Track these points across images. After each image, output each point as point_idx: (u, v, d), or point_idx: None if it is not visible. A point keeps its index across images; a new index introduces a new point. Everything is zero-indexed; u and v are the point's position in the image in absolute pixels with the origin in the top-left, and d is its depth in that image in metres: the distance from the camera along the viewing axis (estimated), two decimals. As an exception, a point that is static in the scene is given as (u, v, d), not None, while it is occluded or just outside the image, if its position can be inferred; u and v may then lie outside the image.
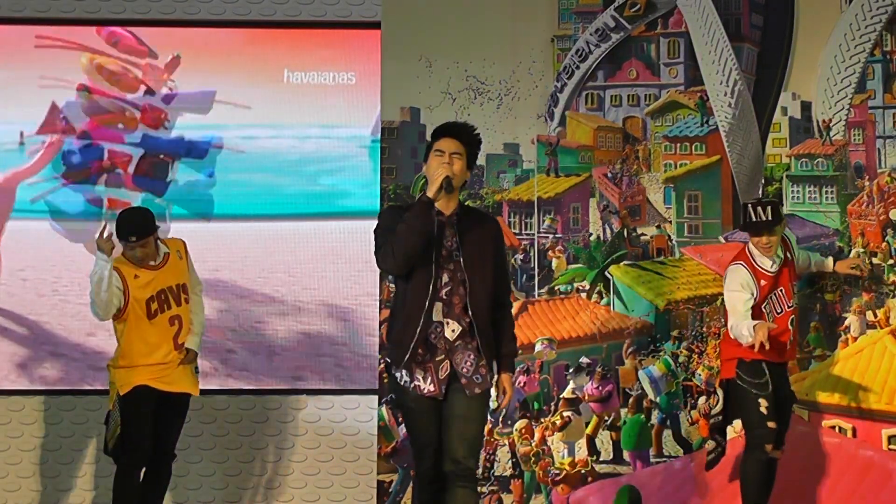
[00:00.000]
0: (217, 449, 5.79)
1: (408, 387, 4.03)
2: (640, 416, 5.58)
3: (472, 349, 4.03)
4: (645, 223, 5.74)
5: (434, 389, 4.00)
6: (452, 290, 4.02)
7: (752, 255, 4.90)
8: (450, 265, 4.03)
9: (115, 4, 5.95)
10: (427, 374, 4.00)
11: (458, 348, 4.03)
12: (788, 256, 4.97)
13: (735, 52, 5.67)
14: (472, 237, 4.05)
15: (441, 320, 4.01)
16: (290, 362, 5.87)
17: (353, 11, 5.99)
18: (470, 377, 4.02)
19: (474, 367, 4.03)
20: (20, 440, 5.73)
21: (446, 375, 4.02)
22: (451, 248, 4.03)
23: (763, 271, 4.86)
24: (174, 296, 4.94)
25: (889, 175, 5.58)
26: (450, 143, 4.04)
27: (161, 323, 4.91)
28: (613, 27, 5.82)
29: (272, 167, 5.97)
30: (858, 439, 5.29)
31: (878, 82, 5.64)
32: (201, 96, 5.94)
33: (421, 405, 4.03)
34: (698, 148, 5.73)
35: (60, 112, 5.90)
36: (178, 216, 5.90)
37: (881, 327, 5.43)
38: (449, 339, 4.02)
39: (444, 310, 4.01)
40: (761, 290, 4.83)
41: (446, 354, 4.01)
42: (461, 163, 4.03)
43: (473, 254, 4.03)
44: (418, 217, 3.92)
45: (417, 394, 4.01)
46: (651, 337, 5.61)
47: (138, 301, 4.87)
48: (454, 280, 4.02)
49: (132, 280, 4.88)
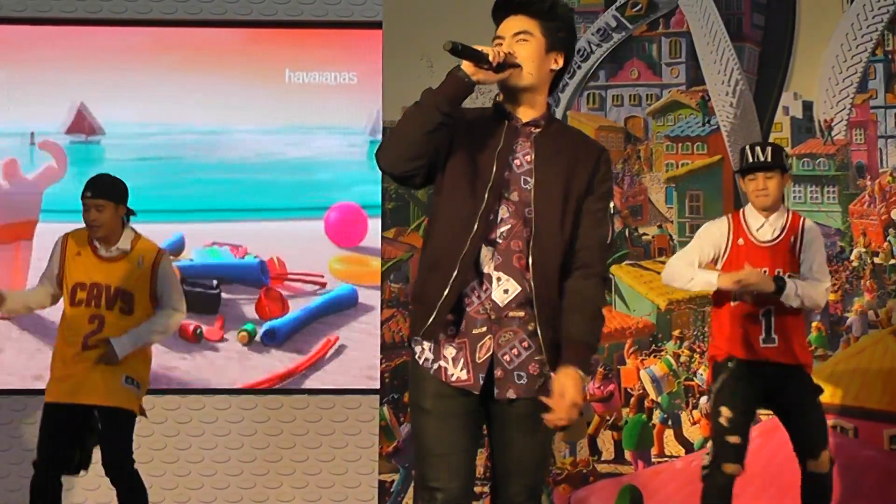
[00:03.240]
0: (218, 449, 5.79)
1: (428, 369, 2.67)
2: (641, 416, 5.57)
3: (531, 331, 2.67)
4: (647, 223, 5.73)
5: (467, 379, 2.63)
6: (513, 231, 2.66)
7: (744, 214, 4.23)
8: (513, 194, 2.67)
9: (116, 4, 5.94)
10: (460, 352, 2.64)
11: (510, 321, 2.65)
12: (795, 239, 4.17)
13: (737, 51, 5.67)
14: (559, 161, 2.69)
15: (490, 273, 2.65)
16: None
17: (354, 11, 5.98)
18: (509, 370, 2.65)
19: (525, 356, 2.66)
20: (21, 440, 5.73)
21: (487, 358, 2.64)
22: (522, 169, 2.69)
23: (749, 234, 4.17)
24: (107, 298, 4.35)
25: (891, 175, 5.57)
26: (513, 22, 2.73)
27: (79, 315, 4.34)
28: (615, 27, 5.82)
29: (273, 167, 5.96)
30: (860, 439, 5.29)
31: (879, 82, 5.64)
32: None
33: (443, 403, 2.65)
34: (700, 148, 5.73)
35: (86, 112, 5.90)
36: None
37: (883, 327, 5.43)
38: (499, 303, 2.65)
39: (498, 259, 2.65)
40: (736, 254, 4.13)
41: (490, 327, 2.64)
42: (532, 45, 2.69)
43: (552, 184, 2.67)
44: (435, 95, 2.70)
45: (442, 380, 2.65)
46: (653, 337, 5.61)
47: (66, 281, 4.39)
48: (517, 217, 2.67)
49: (72, 257, 4.39)
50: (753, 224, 4.18)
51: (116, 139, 5.96)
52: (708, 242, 4.19)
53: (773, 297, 4.06)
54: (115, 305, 4.36)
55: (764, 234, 4.17)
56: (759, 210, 4.20)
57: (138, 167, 5.88)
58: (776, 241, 4.16)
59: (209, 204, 5.94)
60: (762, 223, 4.18)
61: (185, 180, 5.96)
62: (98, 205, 4.34)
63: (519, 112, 2.76)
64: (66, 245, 4.43)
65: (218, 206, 5.94)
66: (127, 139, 5.96)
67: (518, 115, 2.76)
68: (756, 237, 4.17)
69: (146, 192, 5.49)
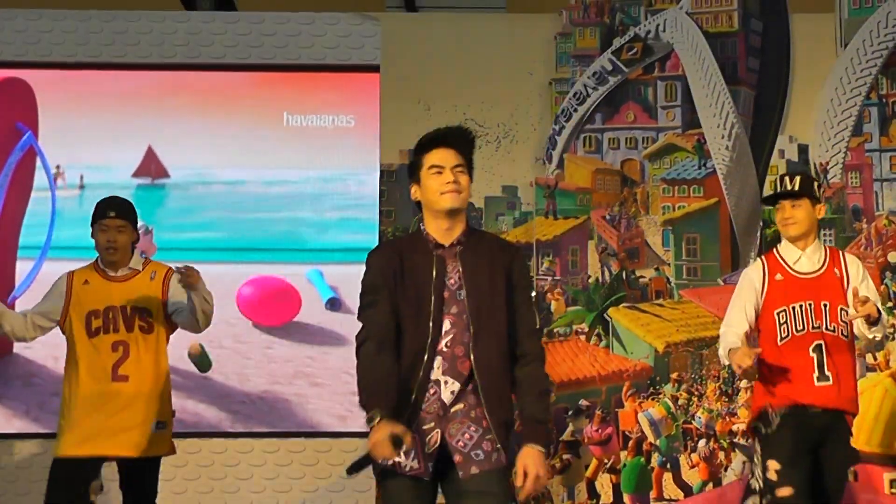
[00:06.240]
0: (215, 493, 5.74)
1: (386, 464, 3.02)
2: (639, 459, 5.55)
3: (478, 416, 3.05)
4: (643, 265, 5.74)
5: (418, 467, 3.02)
6: (456, 339, 3.08)
7: (778, 250, 3.99)
8: (453, 308, 3.10)
9: (116, 49, 5.98)
10: (411, 446, 2.99)
11: (456, 415, 3.05)
12: (839, 272, 3.90)
13: (732, 95, 5.71)
14: (481, 270, 3.12)
15: (438, 378, 3.06)
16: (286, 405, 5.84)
17: (352, 55, 6.02)
18: (467, 453, 3.02)
19: (476, 437, 3.04)
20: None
21: (435, 449, 3.03)
22: (455, 286, 3.11)
23: (787, 267, 3.91)
24: (126, 319, 4.09)
25: (887, 218, 5.59)
26: (447, 154, 3.16)
27: (101, 346, 4.07)
28: (611, 70, 5.86)
29: (271, 208, 5.97)
30: (860, 483, 5.26)
31: (874, 125, 5.68)
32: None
33: (401, 483, 3.04)
34: (696, 190, 5.75)
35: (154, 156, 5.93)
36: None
37: (881, 370, 5.42)
38: (446, 402, 3.05)
39: (444, 365, 3.07)
40: (776, 288, 3.88)
41: (437, 423, 3.04)
42: (466, 176, 3.15)
43: (482, 292, 3.09)
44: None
45: (397, 472, 3.02)
46: (650, 379, 5.59)
47: (78, 313, 4.12)
48: (458, 326, 3.09)
49: (80, 288, 4.14)
50: (790, 258, 3.91)
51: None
52: (748, 287, 3.92)
53: (817, 331, 3.79)
54: (135, 326, 4.10)
55: (802, 266, 3.89)
56: (789, 241, 3.93)
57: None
58: (818, 273, 3.88)
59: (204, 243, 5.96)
60: (798, 256, 3.91)
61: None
62: (119, 226, 4.13)
63: (446, 235, 3.15)
64: (72, 279, 4.18)
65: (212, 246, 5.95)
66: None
67: (443, 241, 3.15)
68: (795, 270, 3.89)
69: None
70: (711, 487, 5.48)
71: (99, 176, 5.91)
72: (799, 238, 3.90)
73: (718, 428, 5.52)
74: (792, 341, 3.81)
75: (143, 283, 4.18)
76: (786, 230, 3.91)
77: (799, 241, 3.91)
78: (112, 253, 4.14)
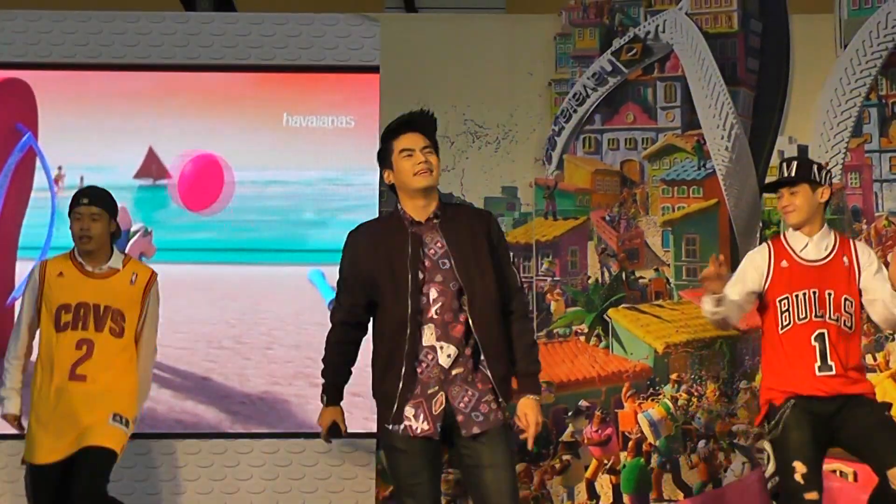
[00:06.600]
0: (214, 493, 5.74)
1: (397, 431, 3.34)
2: (639, 460, 5.55)
3: (474, 380, 3.34)
4: (643, 266, 5.74)
5: (428, 428, 3.31)
6: (445, 306, 3.31)
7: (785, 237, 3.90)
8: (437, 277, 3.33)
9: (116, 50, 5.99)
10: (419, 410, 3.31)
11: (455, 378, 3.34)
12: (848, 260, 3.80)
13: (731, 96, 5.71)
14: (463, 236, 3.37)
15: (434, 344, 3.32)
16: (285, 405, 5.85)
17: (352, 56, 6.03)
18: (468, 413, 3.31)
19: (474, 400, 3.32)
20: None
21: (441, 410, 3.31)
22: (437, 255, 3.34)
23: (793, 255, 3.81)
24: (96, 318, 3.95)
25: (886, 219, 5.59)
26: (415, 138, 3.43)
27: (65, 342, 3.93)
28: (610, 71, 5.86)
29: (271, 209, 5.98)
30: (860, 483, 5.25)
31: (874, 126, 5.68)
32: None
33: (412, 446, 3.33)
34: (696, 191, 5.75)
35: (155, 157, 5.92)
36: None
37: (881, 371, 5.42)
38: (444, 366, 3.32)
39: (438, 332, 3.32)
40: (780, 275, 3.78)
41: (440, 385, 3.32)
42: (435, 156, 3.41)
43: (468, 255, 3.34)
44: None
45: (409, 435, 3.32)
46: (650, 380, 5.60)
47: (48, 305, 3.97)
48: (446, 293, 3.32)
49: (53, 279, 3.98)
50: (797, 245, 3.81)
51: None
52: (751, 267, 3.83)
53: (819, 319, 3.72)
54: (105, 326, 3.96)
55: (809, 253, 3.79)
56: (793, 228, 3.84)
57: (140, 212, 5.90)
58: (825, 261, 3.78)
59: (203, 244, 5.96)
60: (805, 243, 3.80)
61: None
62: (94, 213, 3.99)
63: (422, 211, 3.39)
64: (45, 269, 4.02)
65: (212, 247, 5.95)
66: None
67: (420, 218, 3.38)
68: (801, 257, 3.78)
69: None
70: (711, 488, 5.48)
71: (99, 177, 5.85)
72: (802, 225, 3.80)
73: (718, 429, 5.52)
74: (793, 330, 3.73)
75: (121, 284, 4.04)
76: (786, 218, 3.84)
77: (803, 227, 3.81)
78: (86, 242, 3.99)
